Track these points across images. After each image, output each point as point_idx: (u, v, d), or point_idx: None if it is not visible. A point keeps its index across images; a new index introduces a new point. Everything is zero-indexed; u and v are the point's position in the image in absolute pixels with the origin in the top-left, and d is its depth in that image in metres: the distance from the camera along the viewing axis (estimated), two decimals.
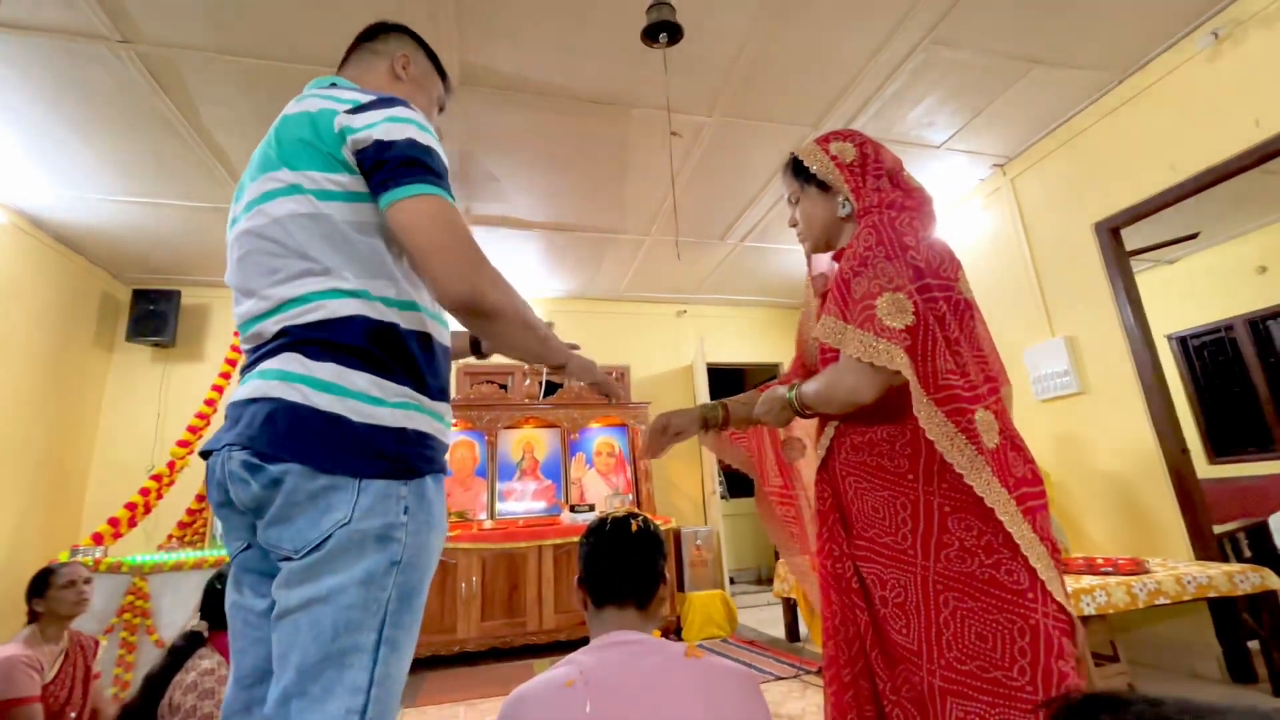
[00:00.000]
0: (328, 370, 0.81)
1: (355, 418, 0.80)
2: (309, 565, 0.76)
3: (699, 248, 4.47)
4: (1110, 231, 2.99)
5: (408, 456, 0.83)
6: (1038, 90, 2.94)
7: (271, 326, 0.85)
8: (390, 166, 0.83)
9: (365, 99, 0.90)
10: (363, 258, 0.86)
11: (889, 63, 2.69)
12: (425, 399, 0.88)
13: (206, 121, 2.79)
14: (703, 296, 5.52)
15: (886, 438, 1.07)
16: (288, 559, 0.78)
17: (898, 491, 1.04)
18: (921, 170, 3.57)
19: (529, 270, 4.71)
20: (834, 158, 1.18)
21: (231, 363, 3.59)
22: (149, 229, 3.71)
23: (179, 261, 4.15)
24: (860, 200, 1.15)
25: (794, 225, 1.28)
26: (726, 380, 6.81)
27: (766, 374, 6.44)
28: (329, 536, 0.76)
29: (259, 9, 2.22)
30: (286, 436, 0.78)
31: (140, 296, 4.24)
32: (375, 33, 1.12)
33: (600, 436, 4.82)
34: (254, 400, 0.82)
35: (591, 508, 4.35)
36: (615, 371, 5.12)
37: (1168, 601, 2.23)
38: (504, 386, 4.79)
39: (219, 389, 3.56)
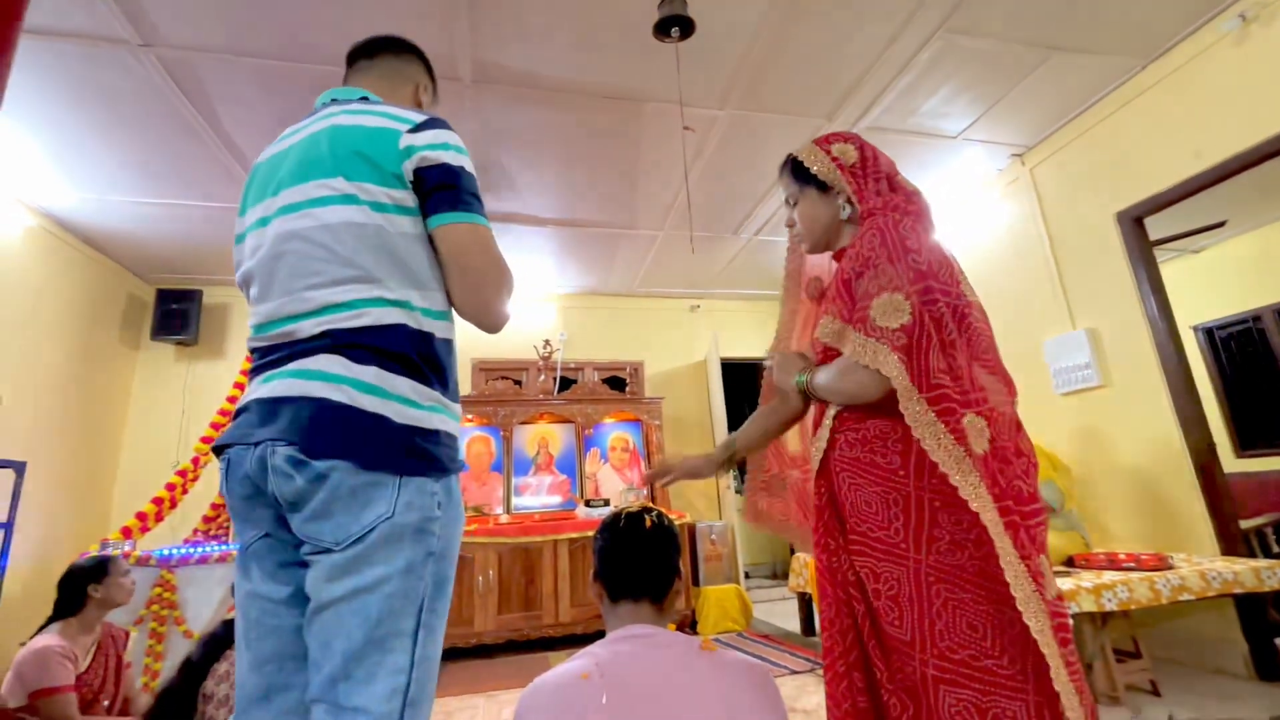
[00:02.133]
0: (370, 373, 0.85)
1: (397, 419, 0.85)
2: (352, 558, 0.80)
3: (712, 242, 4.45)
4: (1133, 221, 2.93)
5: (440, 456, 0.89)
6: (1057, 78, 2.88)
7: (310, 327, 0.88)
8: (454, 193, 0.93)
9: (420, 118, 0.97)
10: (407, 269, 0.91)
11: (904, 52, 2.65)
12: (449, 401, 0.94)
13: (225, 123, 2.84)
14: (716, 291, 5.50)
15: (879, 434, 1.09)
16: (326, 551, 0.81)
17: (889, 487, 1.06)
18: (937, 161, 3.52)
19: (542, 267, 4.73)
20: (835, 159, 1.20)
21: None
22: (170, 230, 3.78)
23: (200, 262, 4.23)
24: (864, 202, 1.18)
25: (791, 226, 1.30)
26: (740, 375, 6.79)
27: None
28: (372, 530, 0.81)
29: (275, 11, 2.25)
30: (334, 435, 0.82)
31: (163, 296, 4.34)
32: (400, 48, 1.17)
33: (615, 432, 4.84)
34: (292, 398, 0.84)
35: (606, 502, 4.37)
36: (629, 367, 5.13)
37: (1192, 597, 2.20)
38: (519, 382, 4.82)
39: (240, 386, 3.62)
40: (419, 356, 0.89)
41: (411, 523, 0.83)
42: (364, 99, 1.04)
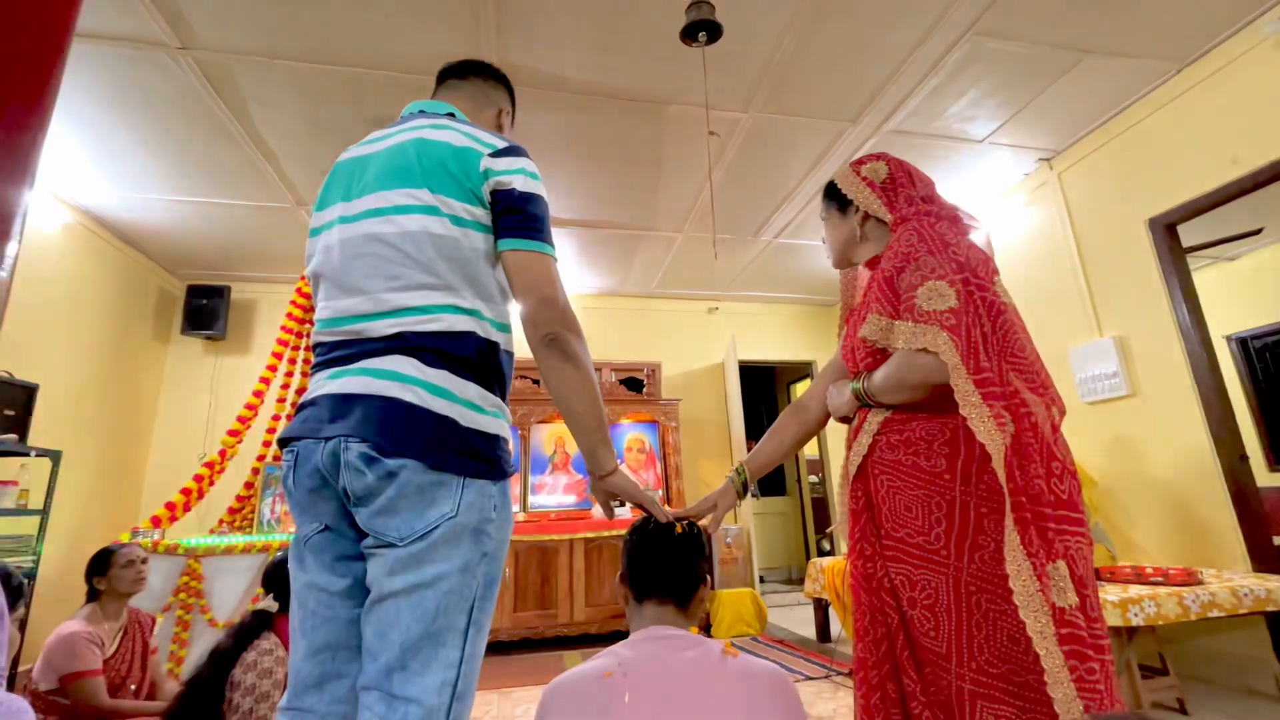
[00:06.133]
0: (441, 377, 0.89)
1: (464, 422, 0.89)
2: (414, 553, 0.83)
3: (732, 244, 4.45)
4: (1166, 227, 2.87)
5: (500, 460, 0.93)
6: (1088, 81, 2.83)
7: (384, 327, 0.91)
8: (525, 218, 0.97)
9: (501, 144, 1.01)
10: (479, 281, 0.96)
11: (931, 56, 2.63)
12: (506, 408, 0.99)
13: (258, 124, 2.90)
14: (735, 293, 5.49)
15: (924, 436, 1.07)
16: (389, 545, 0.84)
17: (932, 491, 1.03)
18: (963, 165, 3.48)
19: (562, 267, 4.73)
20: (865, 178, 1.26)
21: (278, 355, 3.71)
22: (202, 228, 3.88)
23: (229, 258, 4.33)
24: (894, 212, 1.22)
25: (825, 242, 1.39)
26: (758, 378, 6.77)
27: (798, 372, 6.37)
28: (435, 527, 0.84)
29: (308, 15, 2.29)
30: (405, 434, 0.85)
31: (194, 292, 4.44)
32: (489, 73, 1.24)
33: (631, 433, 4.85)
34: (364, 396, 0.87)
35: (622, 503, 4.37)
36: (646, 368, 5.14)
37: (1222, 614, 2.14)
38: (536, 381, 4.85)
39: (266, 381, 3.69)
40: (485, 364, 0.94)
41: (471, 523, 0.86)
42: (450, 115, 1.09)
